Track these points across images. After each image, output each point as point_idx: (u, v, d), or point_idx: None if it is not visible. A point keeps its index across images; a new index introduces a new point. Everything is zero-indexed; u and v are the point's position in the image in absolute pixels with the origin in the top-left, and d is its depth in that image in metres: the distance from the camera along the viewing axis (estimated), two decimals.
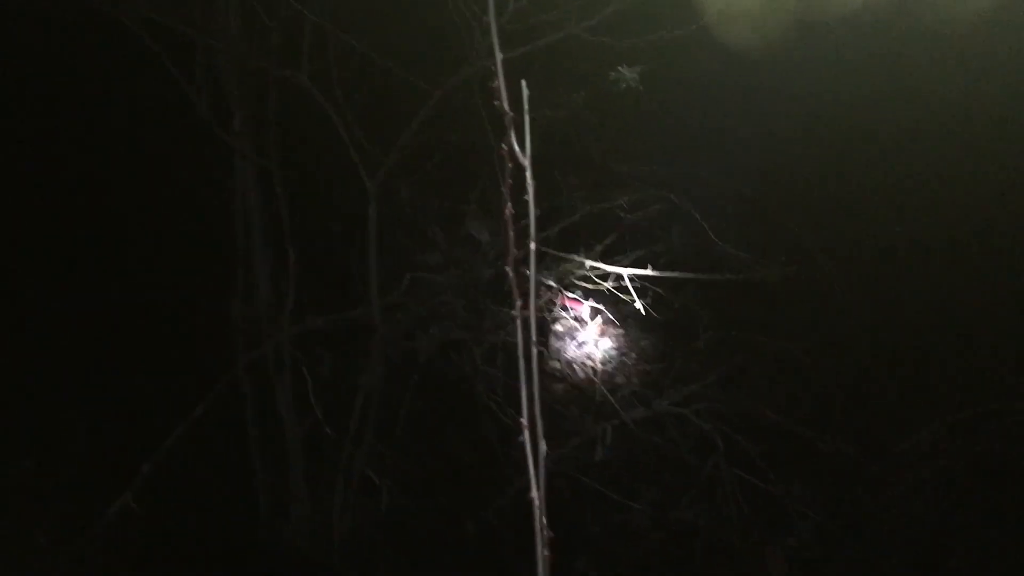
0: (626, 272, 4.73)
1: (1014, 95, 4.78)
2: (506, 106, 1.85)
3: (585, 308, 5.24)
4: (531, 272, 1.85)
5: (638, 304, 4.61)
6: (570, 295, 5.14)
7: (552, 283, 4.78)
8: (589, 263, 4.73)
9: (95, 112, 5.21)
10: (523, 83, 1.85)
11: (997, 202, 5.15)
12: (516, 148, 1.85)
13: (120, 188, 5.32)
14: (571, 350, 5.42)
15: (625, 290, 4.76)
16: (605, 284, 4.90)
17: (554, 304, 5.14)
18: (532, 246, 1.87)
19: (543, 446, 1.70)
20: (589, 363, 5.37)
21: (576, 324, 5.43)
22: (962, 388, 5.06)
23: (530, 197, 1.87)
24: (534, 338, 1.85)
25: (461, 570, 4.91)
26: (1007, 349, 5.07)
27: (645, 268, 4.84)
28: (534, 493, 1.51)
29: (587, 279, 4.88)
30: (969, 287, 5.14)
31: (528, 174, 1.86)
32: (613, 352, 5.45)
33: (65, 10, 4.79)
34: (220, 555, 4.80)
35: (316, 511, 4.96)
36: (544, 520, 1.58)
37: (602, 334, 5.43)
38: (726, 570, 4.61)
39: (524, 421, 1.55)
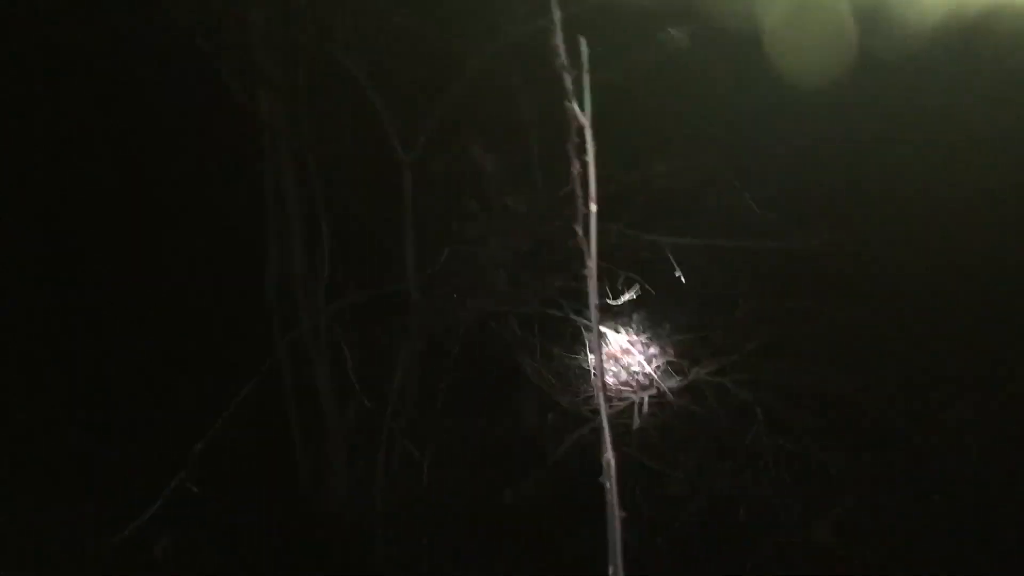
0: (664, 240, 4.69)
1: None
2: (565, 64, 1.82)
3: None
4: (592, 232, 1.83)
5: (677, 273, 4.56)
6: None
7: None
8: (626, 232, 4.69)
9: (124, 89, 5.20)
10: (583, 41, 1.82)
11: None
12: (576, 107, 1.82)
13: (149, 166, 5.32)
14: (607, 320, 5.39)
15: (663, 259, 4.72)
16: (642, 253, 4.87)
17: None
18: (593, 207, 1.84)
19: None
20: (625, 334, 5.33)
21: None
22: (1011, 359, 4.98)
23: (590, 157, 1.84)
24: (596, 300, 1.82)
25: (502, 538, 4.92)
26: None
27: (683, 237, 4.80)
28: (609, 455, 1.49)
29: (623, 247, 4.83)
30: (1020, 253, 5.04)
31: (588, 134, 1.83)
32: (649, 322, 5.42)
33: None
34: (266, 527, 4.84)
35: (357, 484, 4.98)
36: (617, 482, 1.56)
37: (638, 305, 5.40)
38: (769, 540, 4.58)
39: (597, 383, 1.53)
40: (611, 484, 1.51)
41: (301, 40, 4.58)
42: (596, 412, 4.87)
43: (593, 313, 1.65)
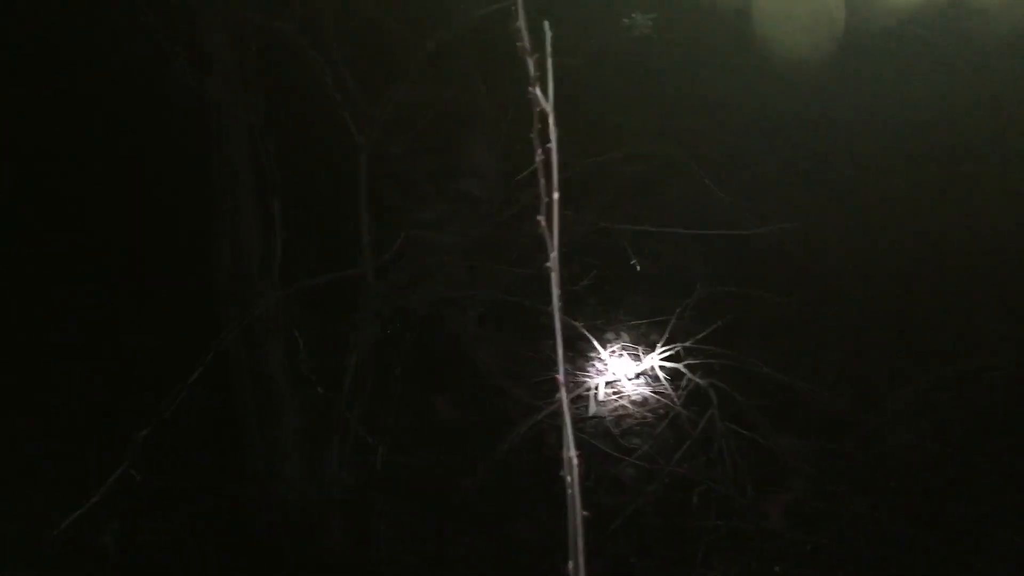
0: (621, 227, 4.67)
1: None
2: (528, 47, 1.76)
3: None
4: (555, 221, 1.78)
5: (633, 261, 4.55)
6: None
7: None
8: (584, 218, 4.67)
9: (67, 66, 5.04)
10: (546, 24, 1.76)
11: (991, 158, 5.12)
12: (539, 93, 1.76)
13: (95, 146, 5.17)
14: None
15: (620, 245, 4.70)
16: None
17: None
18: (555, 196, 1.79)
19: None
20: (581, 320, 5.31)
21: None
22: (955, 342, 5.07)
23: (553, 144, 1.78)
24: (558, 291, 1.77)
25: (457, 525, 4.88)
26: (1000, 303, 5.07)
27: (641, 224, 4.78)
28: (571, 452, 1.44)
29: (581, 234, 4.81)
30: (963, 242, 5.12)
31: (551, 120, 1.77)
32: (605, 308, 5.41)
33: None
34: (217, 514, 4.75)
35: (311, 471, 4.91)
36: (579, 480, 1.52)
37: (595, 291, 5.38)
38: (721, 524, 4.60)
39: (560, 378, 1.48)
40: (573, 483, 1.47)
41: (251, 18, 4.45)
42: (554, 400, 4.86)
43: (556, 305, 1.60)
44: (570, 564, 1.67)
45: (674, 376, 5.08)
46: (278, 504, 4.94)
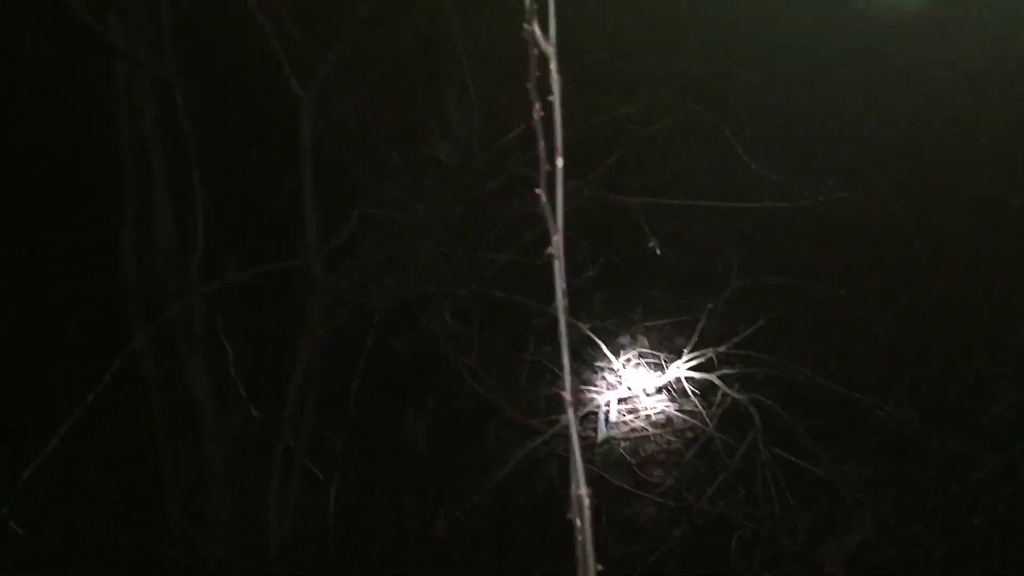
0: (635, 201, 4.69)
1: None
2: None
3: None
4: (559, 195, 1.76)
5: (652, 243, 4.57)
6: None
7: None
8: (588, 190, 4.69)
9: None
10: None
11: None
12: (538, 32, 1.75)
13: None
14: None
15: (634, 223, 4.72)
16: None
17: None
18: (559, 162, 1.77)
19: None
20: (588, 320, 5.34)
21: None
22: None
23: (556, 98, 1.76)
24: (563, 284, 1.76)
25: None
26: None
27: (658, 196, 4.81)
28: (581, 490, 1.43)
29: (586, 209, 4.83)
30: None
31: (553, 65, 1.76)
32: (618, 305, 5.44)
33: None
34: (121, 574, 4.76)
35: (245, 516, 4.92)
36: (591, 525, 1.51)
37: (604, 284, 5.41)
38: (768, 574, 4.63)
39: (567, 395, 1.46)
40: (584, 528, 1.45)
41: None
42: (553, 422, 4.87)
43: (561, 304, 1.58)
44: None
45: (705, 390, 5.10)
46: (200, 559, 4.95)
